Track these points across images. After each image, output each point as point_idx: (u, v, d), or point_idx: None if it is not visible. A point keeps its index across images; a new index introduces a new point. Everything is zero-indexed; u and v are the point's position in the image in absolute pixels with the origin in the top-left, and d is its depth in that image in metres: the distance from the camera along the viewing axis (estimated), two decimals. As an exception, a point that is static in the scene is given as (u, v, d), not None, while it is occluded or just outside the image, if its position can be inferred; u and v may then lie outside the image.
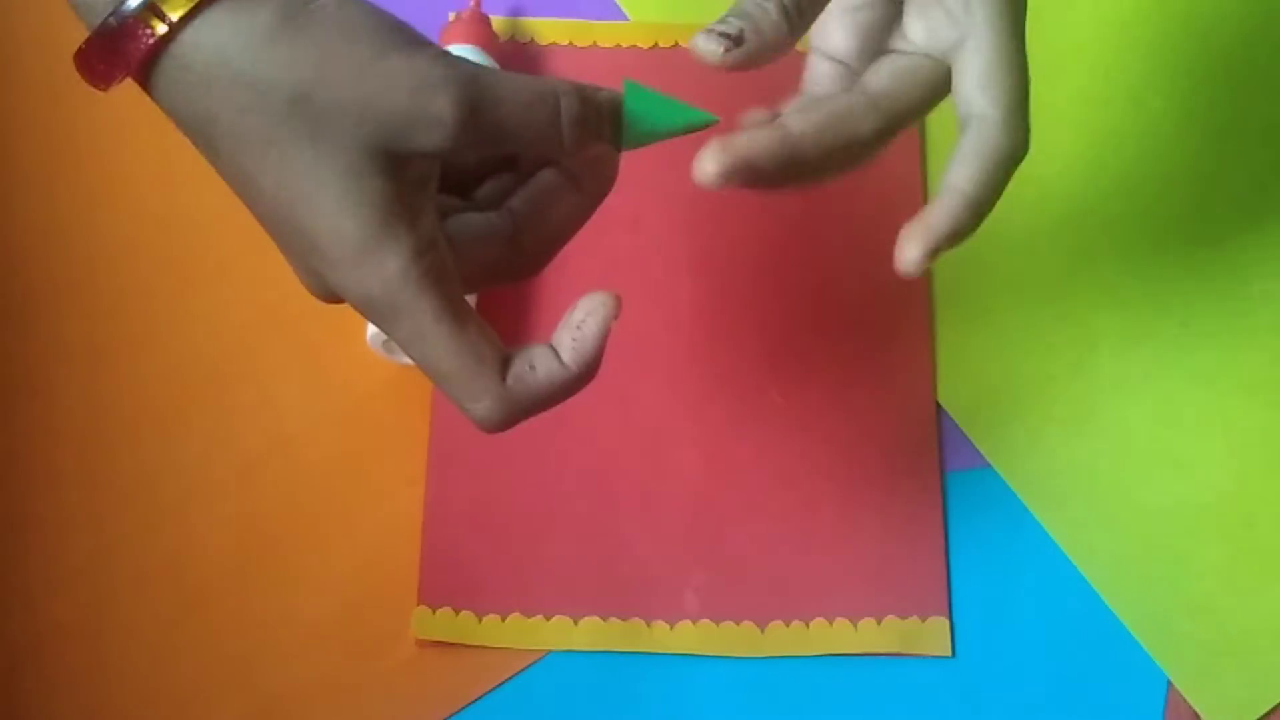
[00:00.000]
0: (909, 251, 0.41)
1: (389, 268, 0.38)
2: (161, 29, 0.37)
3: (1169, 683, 0.57)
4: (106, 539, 0.58)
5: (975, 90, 0.42)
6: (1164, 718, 0.57)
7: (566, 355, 0.41)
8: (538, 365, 0.41)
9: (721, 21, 0.41)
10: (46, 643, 0.56)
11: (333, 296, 0.41)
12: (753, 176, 0.40)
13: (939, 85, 0.43)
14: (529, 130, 0.40)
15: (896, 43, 0.44)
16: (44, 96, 0.65)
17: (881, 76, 0.43)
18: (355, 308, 0.40)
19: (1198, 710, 0.56)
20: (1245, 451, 0.61)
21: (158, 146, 0.63)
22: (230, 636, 0.57)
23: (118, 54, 0.37)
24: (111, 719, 0.56)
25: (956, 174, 0.42)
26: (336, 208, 0.38)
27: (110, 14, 0.37)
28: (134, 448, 0.59)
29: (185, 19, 0.37)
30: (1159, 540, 0.59)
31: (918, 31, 0.43)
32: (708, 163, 0.40)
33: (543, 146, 0.41)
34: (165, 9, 0.37)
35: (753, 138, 0.40)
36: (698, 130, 0.42)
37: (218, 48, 0.37)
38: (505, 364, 0.40)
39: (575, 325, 0.41)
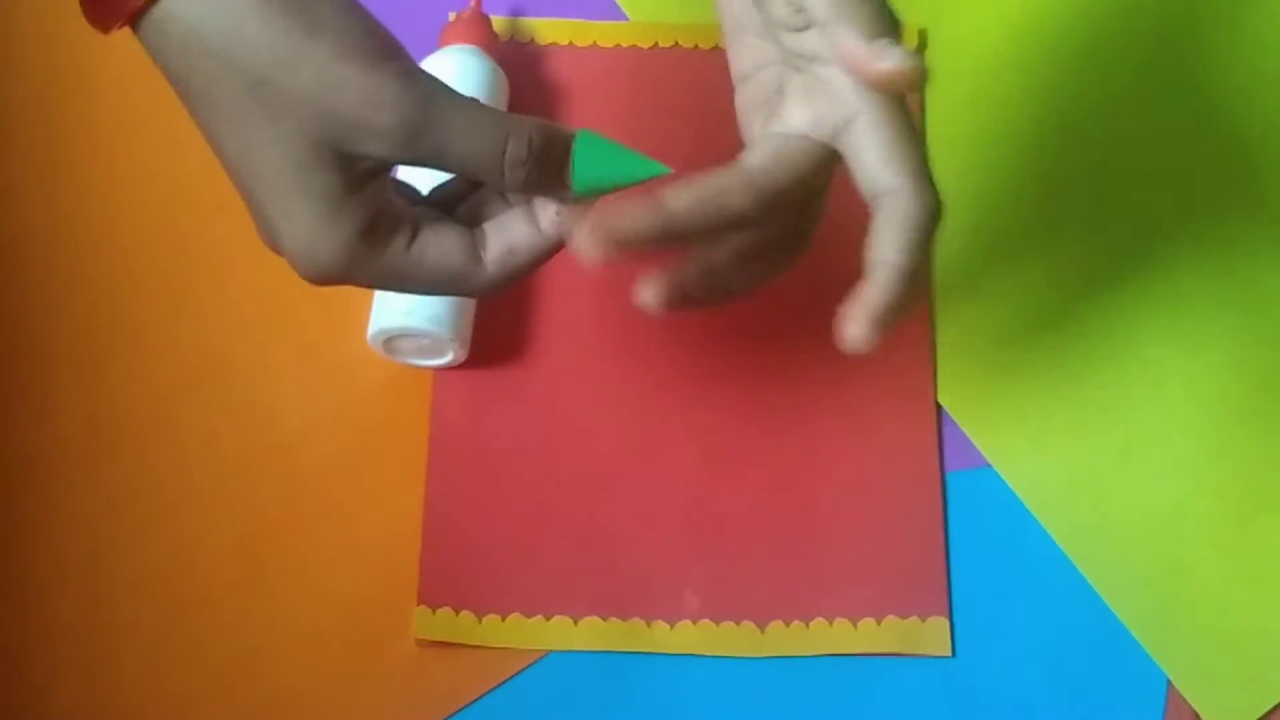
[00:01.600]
0: (851, 330, 0.43)
1: (335, 247, 0.41)
2: None
3: (1169, 683, 0.57)
4: (106, 539, 0.58)
5: (879, 165, 0.43)
6: (1164, 718, 0.57)
7: (548, 224, 0.44)
8: (519, 247, 0.43)
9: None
10: (46, 643, 0.56)
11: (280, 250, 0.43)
12: (633, 248, 0.42)
13: (818, 162, 0.45)
14: (470, 162, 0.41)
15: (775, 126, 0.46)
16: (44, 96, 0.65)
17: (758, 155, 0.45)
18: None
19: (1198, 710, 0.56)
20: (1245, 452, 0.61)
21: (157, 147, 0.64)
22: (230, 636, 0.57)
23: (109, 9, 0.40)
24: (111, 719, 0.56)
25: (880, 248, 0.43)
26: (288, 192, 0.40)
27: None
28: (134, 448, 0.59)
29: None
30: (1159, 540, 0.59)
31: (799, 116, 0.45)
32: (583, 239, 0.42)
33: (485, 179, 0.43)
34: None
35: (628, 211, 0.42)
36: (650, 180, 0.43)
37: (193, 19, 0.39)
38: (479, 247, 0.43)
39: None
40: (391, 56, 0.40)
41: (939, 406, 0.61)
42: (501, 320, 0.61)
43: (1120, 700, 0.57)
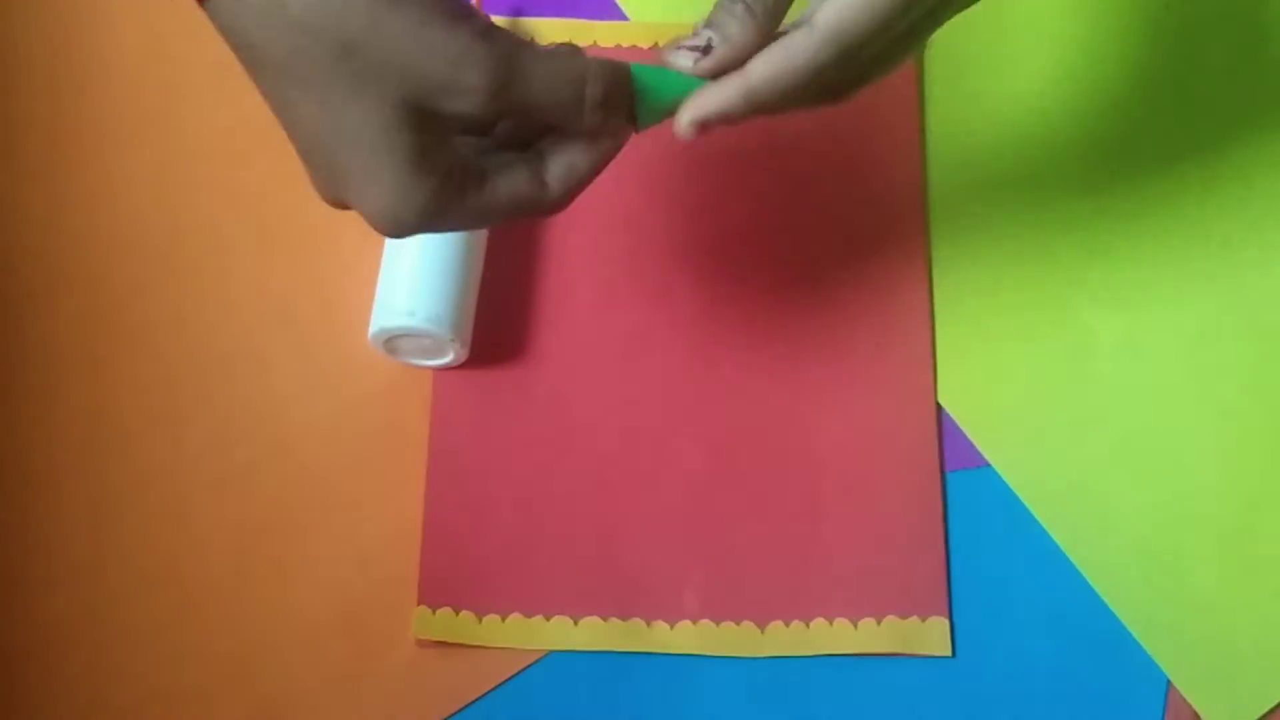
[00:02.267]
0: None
1: (418, 202, 0.42)
2: None
3: (1169, 683, 0.57)
4: (106, 539, 0.58)
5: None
6: (1164, 718, 0.57)
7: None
8: (579, 161, 0.45)
9: (693, 35, 0.44)
10: (46, 643, 0.56)
11: (344, 205, 0.44)
12: (728, 124, 0.44)
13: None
14: (554, 110, 0.43)
15: None
16: (44, 96, 0.65)
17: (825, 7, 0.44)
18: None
19: (1198, 710, 0.56)
20: (1245, 452, 0.61)
21: (158, 147, 0.64)
22: (230, 636, 0.57)
23: None
24: (111, 719, 0.56)
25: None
26: (372, 153, 0.41)
27: None
28: (134, 448, 0.59)
29: None
30: (1159, 540, 0.59)
31: None
32: (681, 126, 0.44)
33: (563, 124, 0.44)
34: None
35: (719, 95, 0.44)
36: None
37: None
38: (541, 166, 0.45)
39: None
40: (468, 15, 0.41)
41: (939, 406, 0.61)
42: (501, 320, 0.61)
43: (1120, 700, 0.57)
